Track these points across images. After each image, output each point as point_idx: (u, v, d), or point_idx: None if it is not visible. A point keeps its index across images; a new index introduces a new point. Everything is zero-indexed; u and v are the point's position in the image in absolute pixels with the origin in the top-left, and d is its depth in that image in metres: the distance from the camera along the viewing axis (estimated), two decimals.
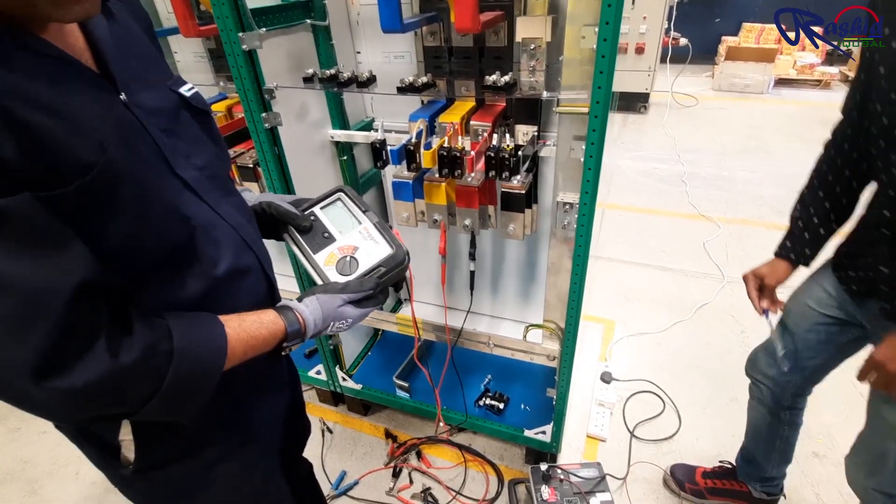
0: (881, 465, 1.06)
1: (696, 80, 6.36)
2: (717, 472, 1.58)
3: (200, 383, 0.58)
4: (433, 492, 1.64)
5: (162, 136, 0.61)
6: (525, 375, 1.88)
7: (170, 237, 0.59)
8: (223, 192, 0.71)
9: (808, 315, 1.18)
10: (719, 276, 2.67)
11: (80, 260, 0.48)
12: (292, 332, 0.69)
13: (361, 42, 1.57)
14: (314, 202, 0.89)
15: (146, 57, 0.66)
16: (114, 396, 0.52)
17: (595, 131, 0.96)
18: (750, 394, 1.41)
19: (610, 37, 0.86)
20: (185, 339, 0.57)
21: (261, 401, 0.83)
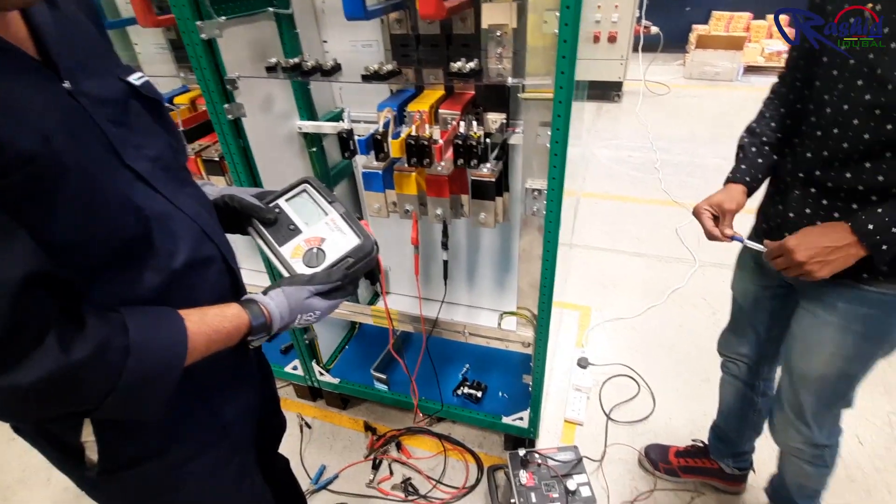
0: (801, 419, 1.13)
1: (667, 68, 6.44)
2: (689, 451, 1.63)
3: (160, 379, 0.57)
4: (413, 482, 1.65)
5: (110, 127, 0.59)
6: (502, 363, 1.90)
7: (122, 229, 0.57)
8: (179, 183, 0.69)
9: (749, 291, 1.25)
10: (691, 260, 2.72)
11: (26, 253, 0.46)
12: (257, 325, 0.68)
13: (327, 31, 1.54)
14: (279, 194, 0.87)
15: (93, 46, 0.64)
16: (67, 394, 0.50)
17: (560, 117, 0.96)
18: (723, 371, 1.45)
19: (571, 21, 0.86)
20: (142, 334, 0.55)
21: (231, 396, 0.81)
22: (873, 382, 1.90)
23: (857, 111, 0.85)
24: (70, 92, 0.56)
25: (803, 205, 0.98)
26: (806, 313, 1.07)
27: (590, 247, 2.90)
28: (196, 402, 0.75)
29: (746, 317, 1.29)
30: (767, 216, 1.10)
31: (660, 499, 1.59)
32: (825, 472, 1.23)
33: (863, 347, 1.01)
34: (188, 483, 0.77)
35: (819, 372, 1.06)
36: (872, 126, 0.84)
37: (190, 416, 0.74)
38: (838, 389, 1.08)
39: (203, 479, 0.79)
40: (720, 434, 1.54)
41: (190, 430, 0.74)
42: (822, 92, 0.91)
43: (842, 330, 1.00)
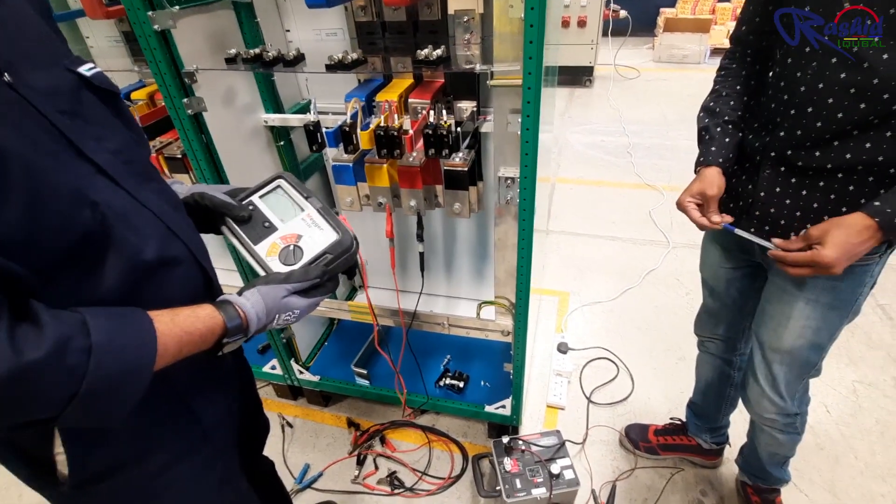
0: (775, 390, 1.17)
1: (637, 52, 6.51)
2: (667, 429, 1.67)
3: (127, 382, 0.53)
4: (399, 475, 1.64)
5: (62, 118, 0.56)
6: (483, 353, 1.90)
7: (74, 225, 0.54)
8: (142, 179, 0.65)
9: (719, 274, 1.27)
10: (665, 242, 2.77)
11: None
12: (232, 327, 0.65)
13: (290, 19, 1.48)
14: (252, 191, 0.84)
15: (36, 37, 0.60)
16: (24, 398, 0.47)
17: (530, 103, 0.95)
18: (700, 350, 1.48)
19: (537, 5, 0.84)
20: (106, 334, 0.52)
21: (210, 400, 0.78)
22: (838, 353, 1.98)
23: (832, 90, 0.86)
24: (9, 84, 0.52)
25: (774, 184, 1.00)
26: (776, 288, 1.10)
27: (566, 232, 2.93)
28: (173, 408, 0.72)
29: (719, 297, 1.32)
30: (735, 195, 1.11)
31: (641, 477, 1.62)
32: (796, 439, 1.28)
33: (830, 317, 1.04)
34: (170, 490, 0.75)
35: (790, 344, 1.09)
36: (846, 105, 0.85)
37: (167, 423, 0.71)
38: (809, 360, 1.11)
39: (185, 487, 0.77)
40: (697, 411, 1.58)
41: (168, 437, 0.71)
42: (795, 70, 0.91)
43: (811, 302, 1.03)
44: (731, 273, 1.25)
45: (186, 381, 0.72)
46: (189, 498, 0.78)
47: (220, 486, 0.83)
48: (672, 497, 1.56)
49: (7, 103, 0.51)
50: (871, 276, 1.00)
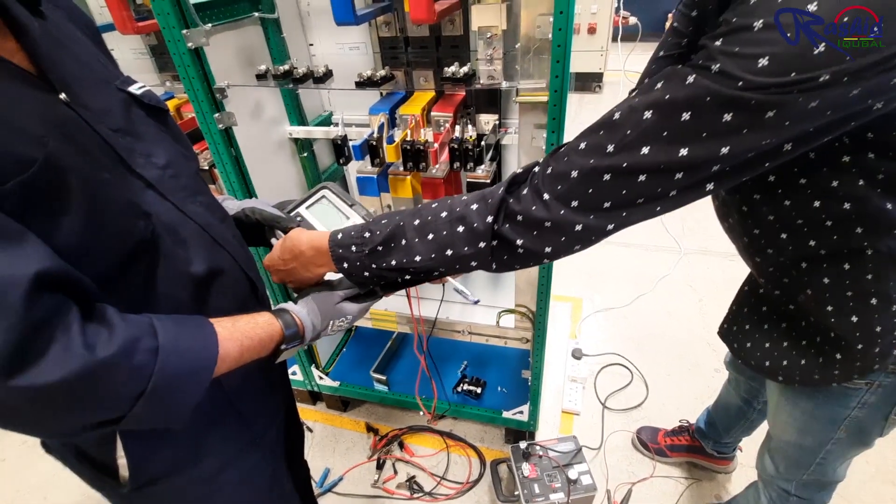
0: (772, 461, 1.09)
1: (646, 57, 6.40)
2: (675, 431, 1.70)
3: (189, 384, 0.56)
4: (418, 479, 1.67)
5: (114, 136, 0.59)
6: (499, 359, 1.93)
7: (129, 235, 0.57)
8: (189, 192, 0.68)
9: None
10: (677, 248, 2.79)
11: (36, 252, 0.46)
12: (290, 334, 0.68)
13: (313, 34, 1.52)
14: (299, 202, 0.87)
15: (88, 58, 0.64)
16: (95, 396, 0.49)
17: (555, 119, 0.98)
18: (728, 378, 1.45)
19: (564, 26, 0.88)
20: (171, 336, 0.54)
21: (258, 405, 0.82)
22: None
23: None
24: (67, 103, 0.56)
25: None
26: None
27: None
28: (225, 413, 0.75)
29: None
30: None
31: (657, 484, 1.64)
32: None
33: (814, 428, 0.95)
34: (223, 492, 0.78)
35: (777, 434, 1.04)
36: None
37: (219, 428, 0.74)
38: (802, 459, 1.02)
39: (238, 488, 0.80)
40: (710, 421, 1.58)
41: (219, 441, 0.75)
42: None
43: (791, 402, 0.97)
44: None
45: (237, 386, 0.75)
46: (241, 500, 0.81)
47: (269, 490, 0.87)
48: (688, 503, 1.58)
49: (65, 121, 0.54)
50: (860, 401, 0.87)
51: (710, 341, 2.10)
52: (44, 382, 0.44)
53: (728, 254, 2.66)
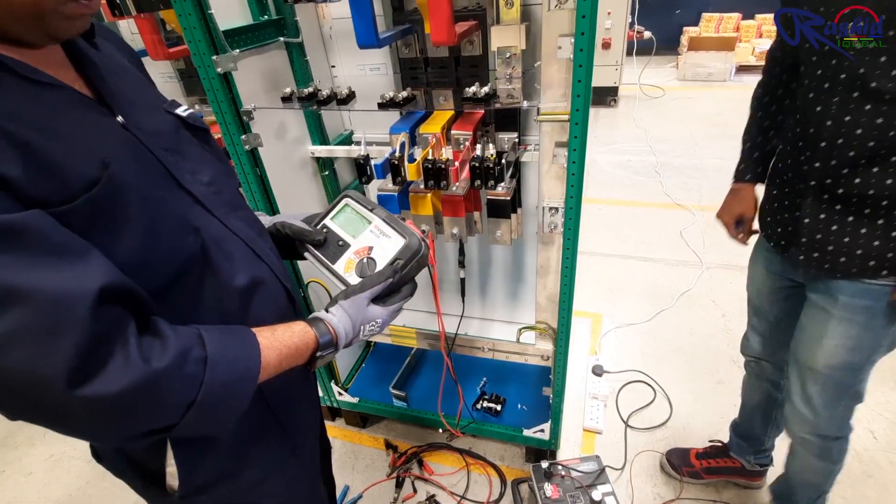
0: (810, 408, 1.16)
1: (661, 71, 6.51)
2: (710, 452, 1.64)
3: (237, 391, 0.58)
4: (437, 498, 1.65)
5: (165, 155, 0.63)
6: (519, 376, 1.91)
7: (182, 249, 0.60)
8: (231, 207, 0.71)
9: (764, 293, 1.29)
10: (698, 262, 2.74)
11: (99, 267, 0.49)
12: (324, 342, 0.69)
13: (335, 56, 1.56)
14: (324, 214, 0.89)
15: (137, 84, 0.68)
16: (152, 405, 0.51)
17: (577, 138, 0.99)
18: (747, 371, 1.48)
19: (586, 47, 0.89)
20: (219, 346, 0.57)
21: (296, 415, 0.84)
22: (885, 377, 1.92)
23: (859, 122, 0.88)
24: (123, 125, 0.59)
25: (818, 211, 1.01)
26: (812, 306, 1.11)
27: (595, 253, 2.92)
28: (266, 423, 0.77)
29: (764, 317, 1.32)
30: (782, 221, 1.13)
31: None
32: (831, 469, 1.26)
33: (864, 338, 1.04)
34: (266, 501, 0.80)
35: (824, 362, 1.09)
36: (876, 134, 0.87)
37: (261, 437, 0.76)
38: (844, 381, 1.11)
39: (279, 497, 0.82)
40: (742, 432, 1.56)
41: (261, 450, 0.76)
42: (815, 104, 0.94)
43: (845, 321, 1.04)
44: (774, 293, 1.26)
45: (278, 398, 0.77)
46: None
47: (309, 499, 0.89)
48: None
49: (122, 142, 0.58)
50: None
51: (734, 358, 2.04)
52: (105, 393, 0.46)
53: None
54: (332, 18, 1.49)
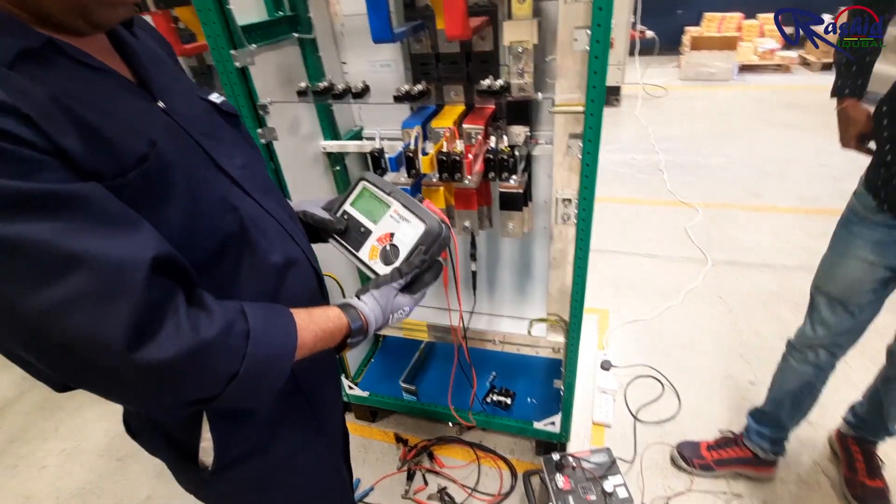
0: None
1: (663, 70, 6.53)
2: (720, 443, 1.66)
3: (275, 367, 0.60)
4: (449, 491, 1.67)
5: (203, 139, 0.65)
6: (528, 370, 1.92)
7: (222, 225, 0.62)
8: (264, 190, 0.73)
9: (861, 279, 1.24)
10: (703, 259, 2.76)
11: (152, 237, 0.51)
12: (356, 328, 0.71)
13: (347, 52, 1.58)
14: (343, 199, 0.90)
15: (172, 72, 0.71)
16: (199, 373, 0.52)
17: (592, 129, 1.01)
18: (792, 357, 1.46)
19: (602, 38, 0.90)
20: (261, 322, 0.58)
21: (322, 395, 0.86)
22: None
23: None
24: (164, 110, 0.62)
25: None
26: None
27: (602, 250, 2.94)
28: (296, 401, 0.79)
29: (851, 307, 1.29)
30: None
31: (695, 499, 1.60)
32: None
33: None
34: (293, 477, 0.83)
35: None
36: None
37: (290, 415, 0.78)
38: None
39: (306, 473, 0.85)
40: (763, 419, 1.57)
41: (292, 426, 0.79)
42: None
43: None
44: (869, 284, 1.24)
45: (304, 375, 0.78)
46: (308, 484, 0.86)
47: (335, 477, 0.92)
48: None
49: (165, 125, 0.60)
50: None
51: (742, 353, 2.06)
52: (159, 358, 0.47)
53: (758, 265, 2.63)
54: (344, 15, 1.51)
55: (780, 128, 4.48)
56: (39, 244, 0.43)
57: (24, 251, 0.43)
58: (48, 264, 0.44)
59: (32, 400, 2.27)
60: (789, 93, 5.41)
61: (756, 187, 3.51)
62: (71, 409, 2.20)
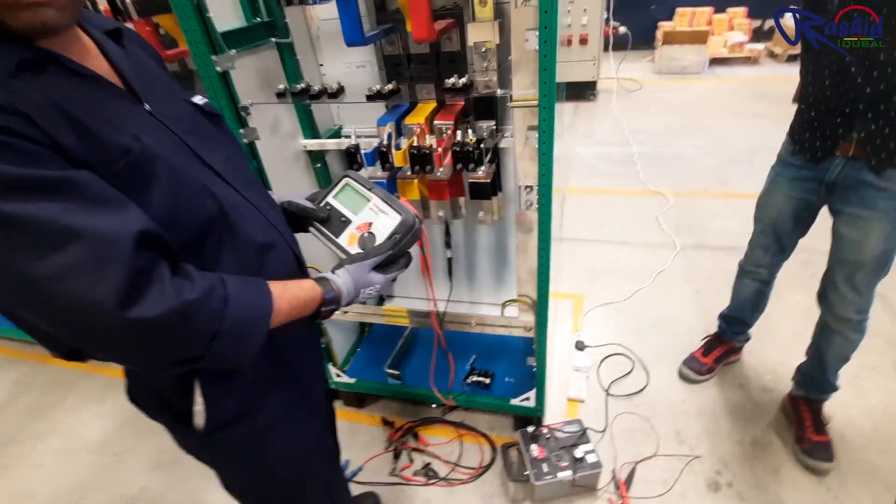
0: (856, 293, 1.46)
1: (638, 65, 6.70)
2: (709, 348, 2.04)
3: (252, 329, 0.68)
4: (433, 466, 1.77)
5: (187, 136, 0.74)
6: (505, 351, 2.03)
7: (202, 210, 0.70)
8: (245, 181, 0.82)
9: (787, 209, 1.57)
10: (672, 245, 2.89)
11: (138, 216, 0.59)
12: (328, 298, 0.81)
13: (323, 55, 1.66)
14: (326, 192, 1.00)
15: (159, 77, 0.79)
16: (184, 331, 0.60)
17: (545, 121, 1.11)
18: (744, 277, 1.84)
19: (549, 39, 1.01)
20: (237, 289, 0.67)
21: (304, 365, 0.94)
22: None
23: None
24: (150, 112, 0.70)
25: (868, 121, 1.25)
26: (852, 217, 1.38)
27: (577, 239, 3.06)
28: (278, 369, 0.87)
29: (777, 234, 1.64)
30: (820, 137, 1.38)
31: (661, 462, 1.72)
32: (860, 339, 1.55)
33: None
34: (279, 440, 0.91)
35: (870, 255, 1.38)
36: None
37: (274, 381, 0.87)
38: (884, 263, 1.41)
39: (291, 437, 0.93)
40: (732, 321, 1.98)
41: (277, 394, 0.87)
42: None
43: (885, 220, 1.32)
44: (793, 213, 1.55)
45: (287, 346, 0.87)
46: (293, 447, 0.94)
47: (318, 443, 1.00)
48: (689, 479, 1.66)
49: (149, 124, 0.69)
50: None
51: (706, 328, 2.19)
52: (147, 316, 0.56)
53: (723, 247, 2.77)
54: (319, 20, 1.59)
55: (748, 118, 4.66)
56: (42, 220, 0.52)
57: (30, 226, 0.52)
58: (50, 237, 0.52)
59: (26, 402, 2.32)
60: (757, 84, 5.61)
61: (724, 175, 3.66)
62: (65, 409, 2.26)
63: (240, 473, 0.94)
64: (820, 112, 1.36)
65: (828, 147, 1.36)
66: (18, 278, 0.52)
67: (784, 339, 2.14)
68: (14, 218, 0.51)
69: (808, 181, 1.47)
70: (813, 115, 1.39)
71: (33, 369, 2.50)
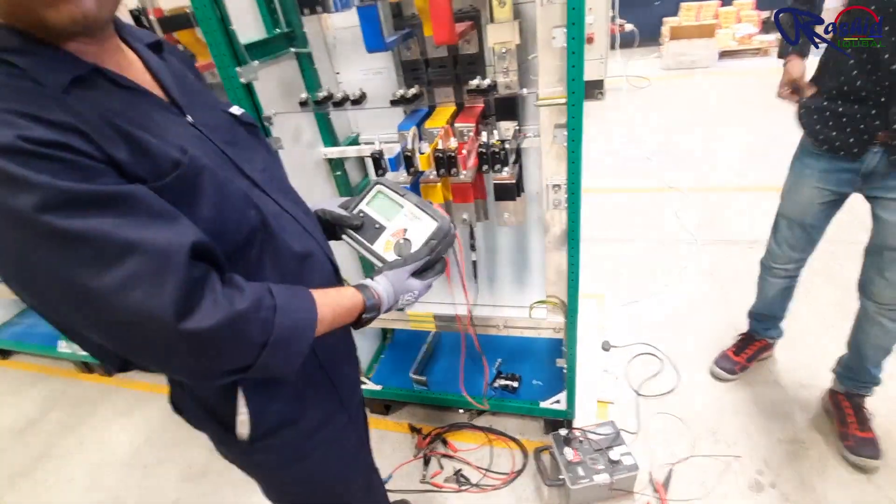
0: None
1: (645, 61, 6.66)
2: (741, 346, 2.00)
3: (299, 338, 0.68)
4: (464, 472, 1.74)
5: (226, 146, 0.74)
6: (531, 354, 2.01)
7: (246, 221, 0.70)
8: (282, 191, 0.82)
9: (814, 202, 1.54)
10: (693, 240, 2.85)
11: (190, 228, 0.59)
12: (370, 304, 0.80)
13: (340, 63, 1.67)
14: (359, 200, 1.00)
15: (197, 89, 0.80)
16: (236, 341, 0.60)
17: (574, 118, 1.10)
18: (768, 276, 1.81)
19: (577, 35, 1.00)
20: (285, 298, 0.67)
21: (343, 373, 0.94)
22: None
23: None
24: (192, 123, 0.71)
25: None
26: (890, 202, 1.37)
27: (596, 239, 3.03)
28: (318, 377, 0.87)
29: (807, 226, 1.60)
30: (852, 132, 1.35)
31: (697, 462, 1.68)
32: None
33: None
34: (319, 449, 0.90)
35: None
36: None
37: (315, 389, 0.86)
38: None
39: (331, 445, 0.92)
40: (761, 318, 1.94)
41: (315, 402, 0.87)
42: None
43: None
44: (820, 207, 1.53)
45: (325, 354, 0.87)
46: (334, 456, 0.93)
47: (357, 450, 0.99)
48: (730, 479, 1.62)
49: (193, 136, 0.69)
50: None
51: (736, 326, 2.14)
52: (203, 327, 0.56)
53: (746, 241, 2.73)
54: (336, 29, 1.60)
55: (762, 109, 4.60)
56: (101, 235, 0.52)
57: (90, 241, 0.52)
58: (109, 251, 0.53)
59: (56, 418, 2.34)
60: (769, 75, 5.53)
61: (740, 168, 3.61)
62: (94, 424, 2.28)
63: (283, 480, 0.94)
64: (849, 104, 1.33)
65: (864, 141, 1.33)
66: (78, 292, 0.52)
67: (816, 333, 2.09)
68: (74, 233, 0.51)
69: (842, 172, 1.43)
70: (841, 109, 1.35)
71: (63, 385, 2.53)
